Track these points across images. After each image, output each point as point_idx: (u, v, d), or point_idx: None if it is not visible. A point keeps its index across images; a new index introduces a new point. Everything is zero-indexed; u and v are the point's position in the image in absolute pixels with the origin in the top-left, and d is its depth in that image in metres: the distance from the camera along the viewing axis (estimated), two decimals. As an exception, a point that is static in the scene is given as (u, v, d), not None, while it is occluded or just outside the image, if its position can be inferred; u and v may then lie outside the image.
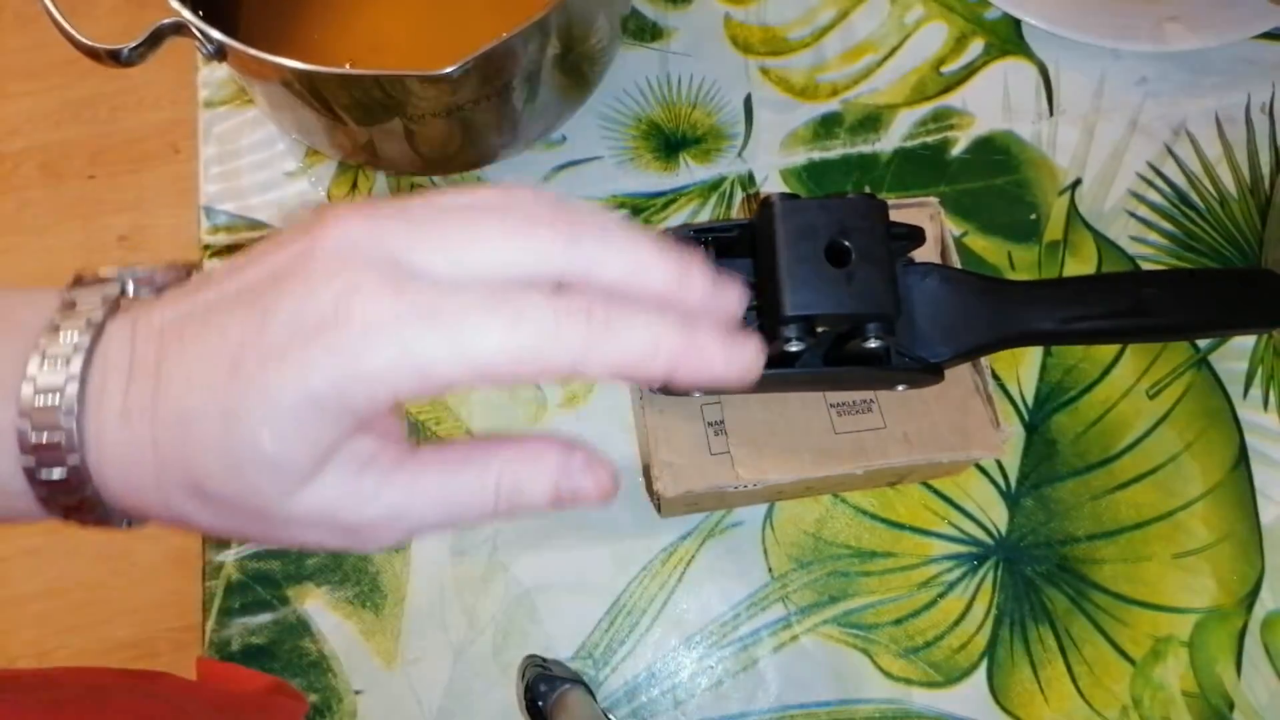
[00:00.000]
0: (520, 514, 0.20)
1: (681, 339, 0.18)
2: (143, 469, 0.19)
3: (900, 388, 0.36)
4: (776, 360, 0.31)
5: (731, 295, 0.20)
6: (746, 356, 0.19)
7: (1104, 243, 0.47)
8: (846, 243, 0.29)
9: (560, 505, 0.20)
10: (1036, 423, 0.44)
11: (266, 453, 0.18)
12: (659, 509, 0.41)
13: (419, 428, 0.46)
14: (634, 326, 0.18)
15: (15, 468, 0.18)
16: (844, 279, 0.29)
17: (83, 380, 0.18)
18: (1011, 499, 0.43)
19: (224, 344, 0.18)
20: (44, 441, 0.18)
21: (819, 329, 0.30)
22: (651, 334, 0.18)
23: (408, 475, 0.19)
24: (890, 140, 0.50)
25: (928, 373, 0.34)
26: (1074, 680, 0.41)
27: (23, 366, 0.19)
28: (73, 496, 0.19)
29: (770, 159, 0.50)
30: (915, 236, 0.34)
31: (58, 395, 0.18)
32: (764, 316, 0.30)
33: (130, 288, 0.21)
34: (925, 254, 0.38)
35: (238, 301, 0.19)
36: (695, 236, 0.32)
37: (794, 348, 0.29)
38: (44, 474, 0.18)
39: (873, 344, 0.30)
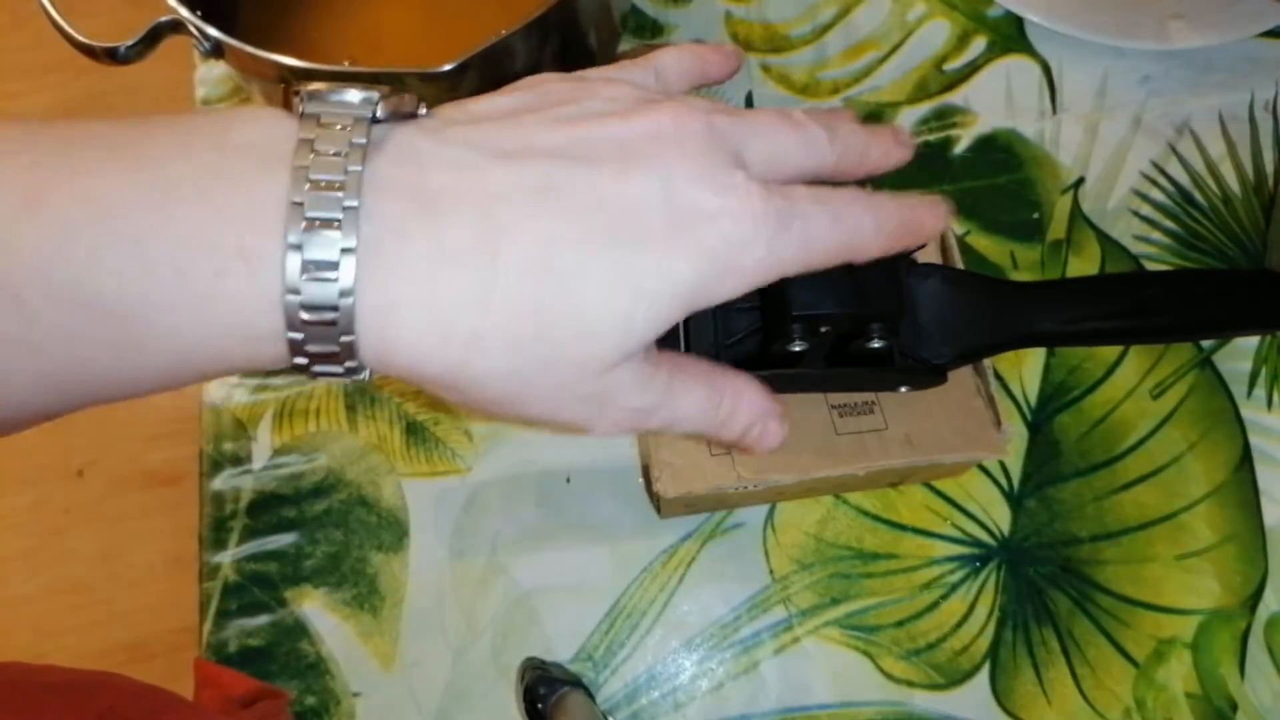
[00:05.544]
0: (716, 437, 0.23)
1: (903, 201, 0.22)
2: (449, 326, 0.17)
3: (903, 389, 0.35)
4: (780, 360, 0.31)
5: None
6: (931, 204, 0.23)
7: (1107, 242, 0.47)
8: None
9: (739, 444, 0.23)
10: (1039, 423, 0.44)
11: (632, 327, 0.18)
12: (659, 510, 0.41)
13: (418, 427, 0.45)
14: (886, 204, 0.21)
15: (279, 340, 0.17)
16: (848, 279, 0.29)
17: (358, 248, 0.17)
18: (1014, 500, 0.43)
19: (590, 212, 0.18)
20: (316, 320, 0.16)
21: (823, 329, 0.29)
22: (897, 204, 0.21)
23: (678, 373, 0.21)
24: (892, 139, 0.49)
25: (930, 373, 0.34)
26: (1077, 682, 0.41)
27: (280, 226, 0.16)
28: (331, 362, 0.17)
29: (771, 157, 0.49)
30: None
31: (333, 271, 0.16)
32: (769, 317, 0.30)
33: (379, 112, 0.18)
34: (927, 254, 0.38)
35: (584, 166, 0.18)
36: None
37: (797, 348, 0.29)
38: (311, 347, 0.17)
39: (876, 344, 0.30)
